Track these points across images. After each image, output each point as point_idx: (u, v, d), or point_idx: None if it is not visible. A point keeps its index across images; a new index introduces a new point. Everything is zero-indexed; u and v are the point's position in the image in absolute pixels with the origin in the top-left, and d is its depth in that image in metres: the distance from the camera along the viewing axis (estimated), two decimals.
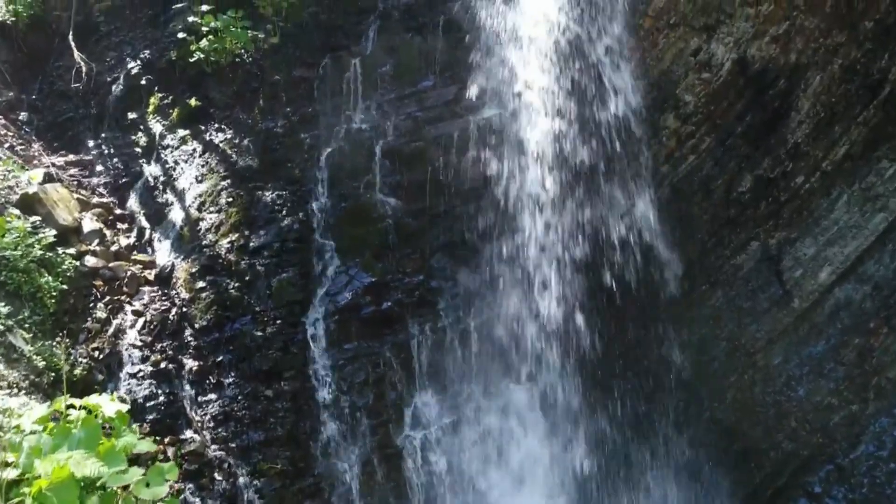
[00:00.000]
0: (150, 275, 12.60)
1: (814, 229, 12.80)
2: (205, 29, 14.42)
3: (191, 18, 14.76)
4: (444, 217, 13.00)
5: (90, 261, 12.11)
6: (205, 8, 14.71)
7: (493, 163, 12.87)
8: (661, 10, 13.11)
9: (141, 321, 11.69)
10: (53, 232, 11.57)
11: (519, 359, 12.44)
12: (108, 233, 12.95)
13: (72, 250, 11.94)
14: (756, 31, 12.58)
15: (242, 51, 14.54)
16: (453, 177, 13.00)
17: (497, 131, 13.01)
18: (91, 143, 15.09)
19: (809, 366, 12.77)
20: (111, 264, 12.31)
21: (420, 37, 14.27)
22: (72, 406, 6.78)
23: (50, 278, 10.89)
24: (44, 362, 9.89)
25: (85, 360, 10.83)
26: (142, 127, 14.79)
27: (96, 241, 12.54)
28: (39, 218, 11.79)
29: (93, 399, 7.04)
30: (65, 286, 11.14)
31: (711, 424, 12.96)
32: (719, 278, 13.26)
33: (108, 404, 7.06)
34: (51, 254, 11.27)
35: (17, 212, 11.69)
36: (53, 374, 9.81)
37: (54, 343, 10.20)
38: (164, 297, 12.23)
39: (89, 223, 12.73)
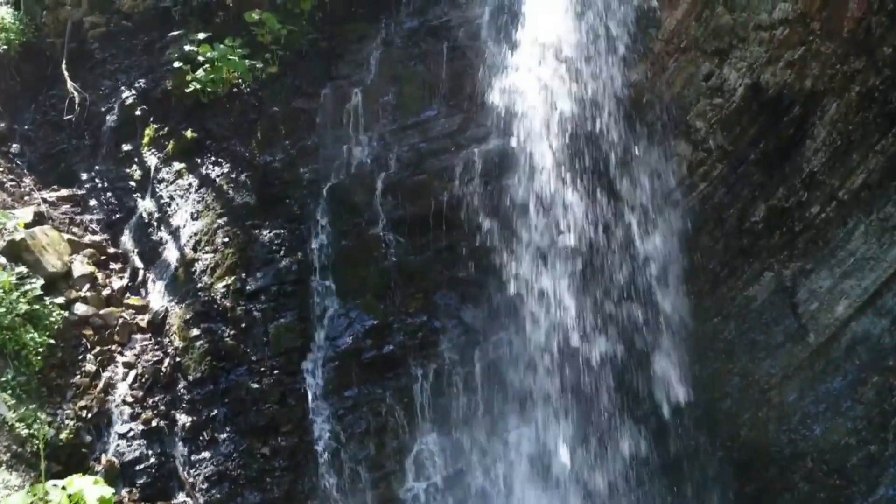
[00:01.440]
0: (143, 321, 12.23)
1: (830, 260, 12.38)
2: (201, 58, 14.03)
3: (187, 47, 14.39)
4: (447, 252, 12.61)
5: (80, 309, 11.76)
6: (201, 36, 14.37)
7: (498, 195, 12.49)
8: (671, 34, 12.88)
9: (132, 374, 11.33)
10: (41, 282, 11.19)
11: (526, 400, 12.02)
12: (99, 276, 12.58)
13: (60, 299, 11.57)
14: (770, 55, 12.24)
15: (240, 81, 14.19)
16: (457, 210, 12.58)
17: (502, 162, 12.63)
18: (84, 177, 14.75)
19: (826, 403, 12.36)
20: (102, 311, 11.95)
21: (423, 65, 13.96)
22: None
23: (36, 334, 10.49)
24: (27, 430, 9.50)
25: (72, 422, 10.43)
26: (136, 159, 14.47)
27: (87, 287, 12.18)
28: (26, 268, 11.41)
29: (75, 483, 6.74)
30: (52, 340, 10.77)
31: (724, 464, 12.50)
32: (731, 310, 12.88)
33: (91, 488, 6.76)
34: (37, 306, 10.87)
35: (3, 260, 11.31)
36: (38, 441, 9.43)
37: (39, 406, 9.79)
38: (156, 347, 11.87)
39: (80, 266, 12.38)
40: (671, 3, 12.86)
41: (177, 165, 13.98)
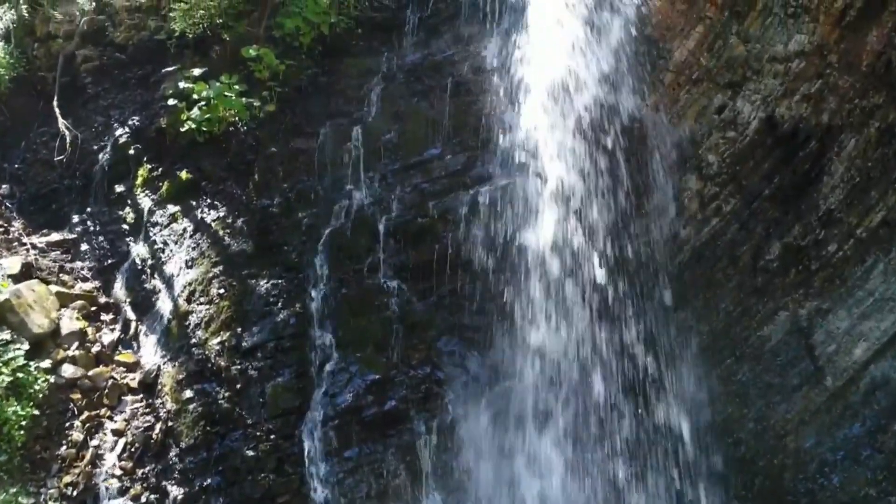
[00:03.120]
0: (134, 381, 11.78)
1: (847, 300, 12.06)
2: (196, 96, 13.60)
3: (182, 84, 13.94)
4: (452, 297, 12.20)
5: (67, 371, 11.33)
6: (197, 71, 13.96)
7: (504, 234, 12.13)
8: (682, 65, 12.62)
9: (121, 443, 10.89)
10: (25, 348, 10.76)
11: (534, 451, 11.64)
12: (89, 330, 12.16)
13: (47, 362, 11.14)
14: (786, 88, 11.97)
15: (237, 119, 13.77)
16: (463, 254, 12.19)
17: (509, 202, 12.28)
18: (76, 219, 14.33)
19: (844, 451, 11.97)
20: (91, 372, 11.51)
21: (426, 101, 13.60)
22: None
23: (19, 407, 10.06)
24: None
25: (56, 503, 10.05)
26: (129, 201, 14.06)
27: (76, 345, 11.76)
28: (10, 331, 10.97)
29: None
30: (36, 411, 10.36)
31: None
32: (745, 351, 12.51)
33: None
34: (21, 374, 10.44)
35: None
36: None
37: (22, 487, 9.37)
38: (147, 410, 11.42)
39: (69, 322, 11.96)
40: (682, 33, 12.55)
41: (171, 208, 13.58)
